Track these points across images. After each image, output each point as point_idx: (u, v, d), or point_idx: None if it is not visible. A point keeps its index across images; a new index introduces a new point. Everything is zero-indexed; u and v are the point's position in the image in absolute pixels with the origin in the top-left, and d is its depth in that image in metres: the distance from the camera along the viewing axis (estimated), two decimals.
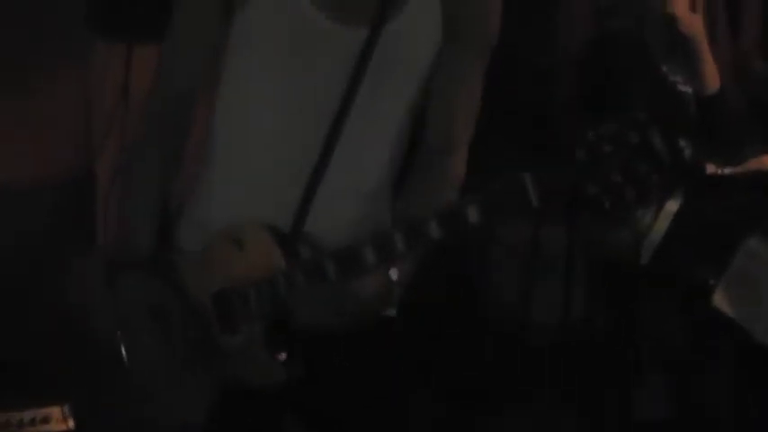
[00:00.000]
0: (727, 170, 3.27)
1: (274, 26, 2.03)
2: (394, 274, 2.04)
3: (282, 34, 2.03)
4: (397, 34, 2.03)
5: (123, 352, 2.17)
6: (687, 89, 3.39)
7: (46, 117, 4.07)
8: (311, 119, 2.04)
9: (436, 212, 1.79)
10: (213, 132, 2.13)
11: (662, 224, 3.27)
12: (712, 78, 3.34)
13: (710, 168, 3.17)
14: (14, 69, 3.97)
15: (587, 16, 3.92)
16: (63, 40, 4.04)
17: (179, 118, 2.15)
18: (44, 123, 4.07)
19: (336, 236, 1.98)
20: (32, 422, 3.12)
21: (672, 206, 3.26)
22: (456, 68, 2.13)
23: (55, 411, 3.18)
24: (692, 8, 3.40)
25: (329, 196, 2.04)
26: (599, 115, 3.38)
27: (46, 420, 3.13)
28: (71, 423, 3.15)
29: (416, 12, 2.04)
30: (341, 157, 2.04)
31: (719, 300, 3.19)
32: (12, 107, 4.01)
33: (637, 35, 3.46)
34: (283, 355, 2.04)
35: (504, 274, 4.08)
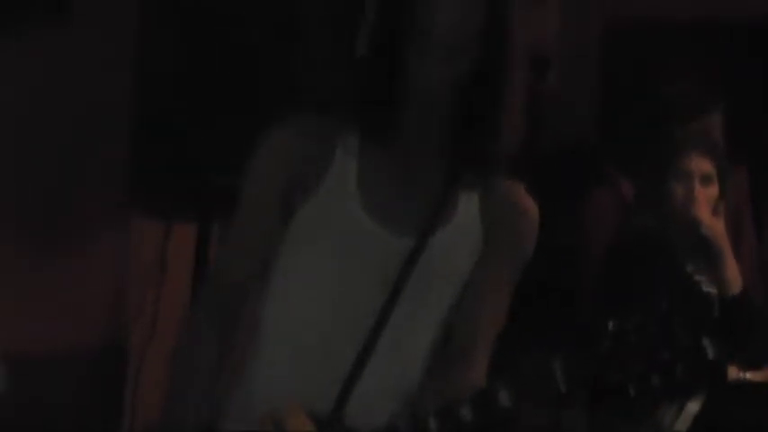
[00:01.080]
0: (749, 374, 3.29)
1: (326, 227, 2.15)
2: None
3: (333, 235, 2.14)
4: (442, 245, 2.13)
5: None
6: (711, 289, 3.44)
7: (79, 286, 4.02)
8: (354, 318, 2.14)
9: (469, 397, 1.86)
10: (263, 319, 2.24)
11: (682, 426, 3.26)
12: (735, 280, 3.40)
13: (733, 372, 3.18)
14: (50, 235, 3.96)
15: (615, 209, 4.05)
16: (102, 210, 4.09)
17: (233, 304, 2.26)
18: (76, 292, 4.02)
19: (371, 425, 2.07)
20: None
21: (692, 407, 3.24)
22: (490, 281, 2.21)
23: None
24: (716, 212, 3.50)
25: (367, 389, 2.13)
26: (623, 305, 3.50)
27: None
28: None
29: (460, 225, 2.15)
30: (379, 355, 2.14)
31: None
32: (44, 273, 3.94)
33: (662, 234, 3.53)
34: None
35: None
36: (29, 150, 3.82)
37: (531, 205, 2.20)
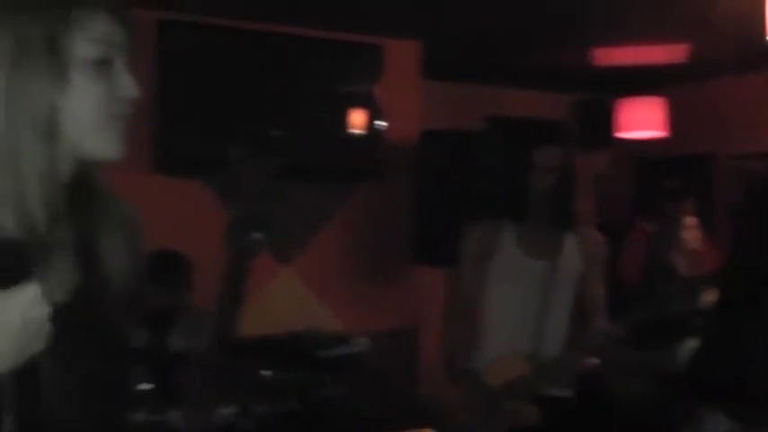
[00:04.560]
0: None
1: (506, 263, 3.03)
2: None
3: (509, 266, 3.02)
4: (562, 263, 2.98)
5: None
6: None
7: (397, 297, 5.09)
8: (528, 303, 2.98)
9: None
10: (485, 314, 3.08)
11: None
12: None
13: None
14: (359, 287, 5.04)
15: (644, 241, 5.28)
16: (390, 269, 5.17)
17: (469, 309, 3.08)
18: (396, 300, 5.10)
19: (550, 355, 2.96)
20: None
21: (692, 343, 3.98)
22: (592, 278, 3.06)
23: None
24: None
25: (545, 339, 2.95)
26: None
27: None
28: None
29: (568, 252, 3.03)
30: (548, 326, 2.94)
31: None
32: (385, 292, 5.01)
33: (669, 257, 4.94)
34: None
35: None
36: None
37: (601, 237, 3.13)
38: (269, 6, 4.50)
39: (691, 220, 5.05)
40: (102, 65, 1.16)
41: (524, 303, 3.05)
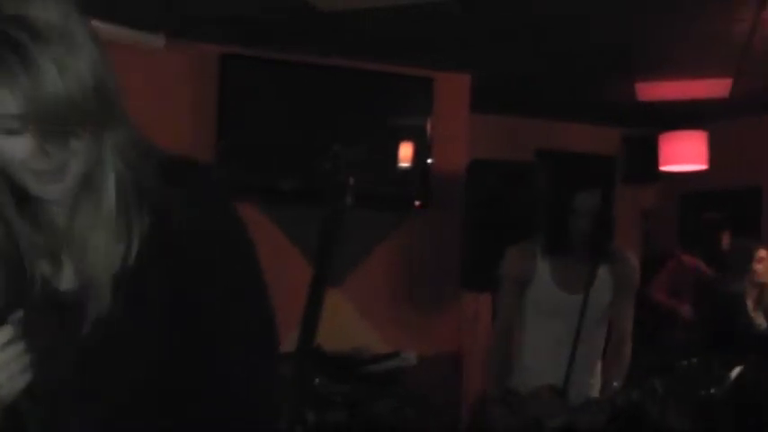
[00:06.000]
0: None
1: (539, 296, 3.05)
2: None
3: (543, 300, 3.04)
4: (596, 293, 2.97)
5: None
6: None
7: (439, 323, 5.11)
8: (562, 335, 2.97)
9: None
10: (521, 341, 3.16)
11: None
12: None
13: None
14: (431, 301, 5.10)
15: (681, 269, 5.29)
16: (451, 290, 5.15)
17: (508, 333, 3.13)
18: (437, 326, 5.12)
19: (581, 389, 2.99)
20: None
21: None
22: (623, 304, 3.08)
23: None
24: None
25: (576, 371, 2.97)
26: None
27: None
28: None
29: (602, 282, 3.01)
30: (579, 350, 2.95)
31: None
32: (427, 318, 5.04)
33: (739, 289, 4.79)
34: None
35: None
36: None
37: (635, 264, 3.09)
38: (321, 40, 4.61)
39: (763, 252, 4.98)
40: None
41: (556, 336, 3.03)
